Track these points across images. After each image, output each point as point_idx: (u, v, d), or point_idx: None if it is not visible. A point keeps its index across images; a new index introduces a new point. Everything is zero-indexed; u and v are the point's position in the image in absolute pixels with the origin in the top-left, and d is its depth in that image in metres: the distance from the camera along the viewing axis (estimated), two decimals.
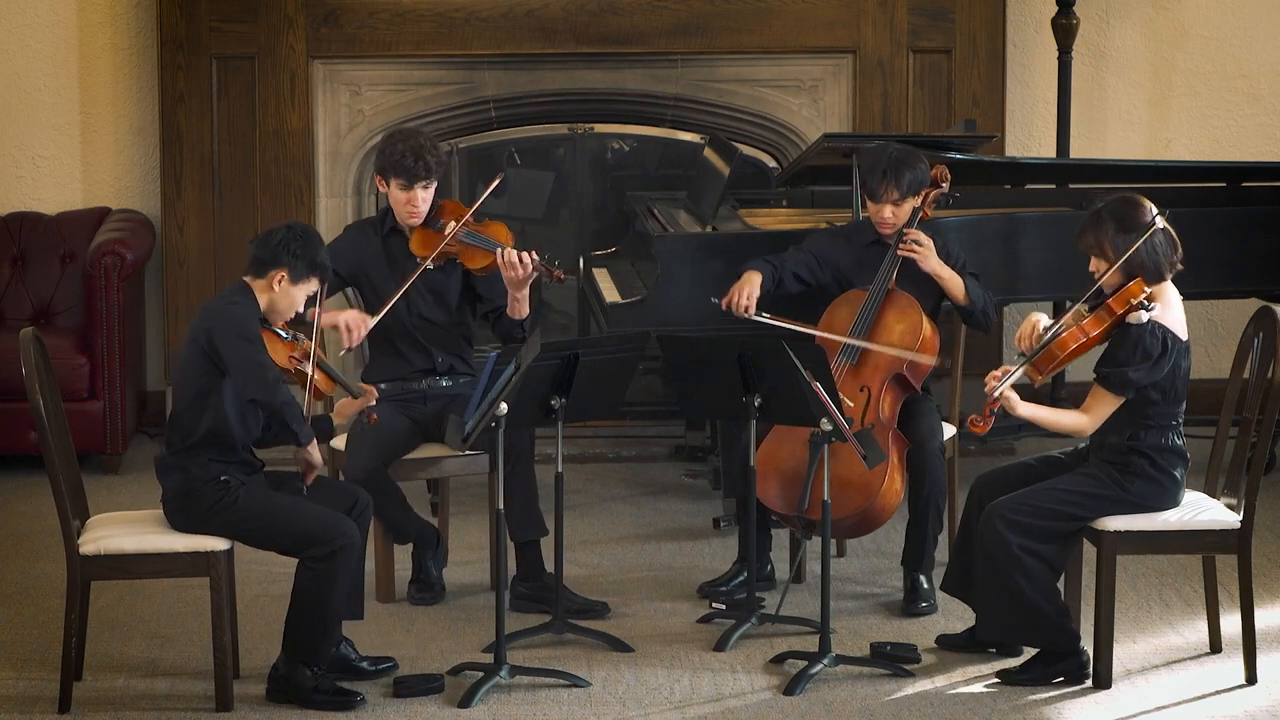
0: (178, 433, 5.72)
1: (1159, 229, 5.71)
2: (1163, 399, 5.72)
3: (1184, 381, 5.75)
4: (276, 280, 5.68)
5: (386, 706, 5.72)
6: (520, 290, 6.49)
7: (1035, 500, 5.77)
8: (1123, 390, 5.68)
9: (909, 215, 6.54)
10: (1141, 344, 5.64)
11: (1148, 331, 5.65)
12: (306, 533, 5.65)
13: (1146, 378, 5.66)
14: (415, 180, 6.53)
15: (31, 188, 8.61)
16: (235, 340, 5.61)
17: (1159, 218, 5.73)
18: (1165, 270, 5.74)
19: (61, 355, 7.86)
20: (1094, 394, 5.73)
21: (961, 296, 6.50)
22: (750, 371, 6.00)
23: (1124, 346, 5.67)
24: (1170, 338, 5.68)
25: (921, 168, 6.54)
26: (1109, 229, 5.71)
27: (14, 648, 6.16)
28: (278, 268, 5.68)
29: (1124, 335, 5.67)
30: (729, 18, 8.41)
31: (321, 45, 8.39)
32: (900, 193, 6.50)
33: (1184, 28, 8.69)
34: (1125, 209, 5.73)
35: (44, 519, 7.07)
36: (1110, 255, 5.70)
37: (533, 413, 5.96)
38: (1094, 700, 5.77)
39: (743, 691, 5.83)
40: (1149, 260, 5.70)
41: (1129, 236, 5.68)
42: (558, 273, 6.48)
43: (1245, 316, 6.10)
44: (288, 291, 5.70)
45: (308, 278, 5.71)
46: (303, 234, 5.73)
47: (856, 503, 6.26)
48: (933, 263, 6.49)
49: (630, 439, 8.43)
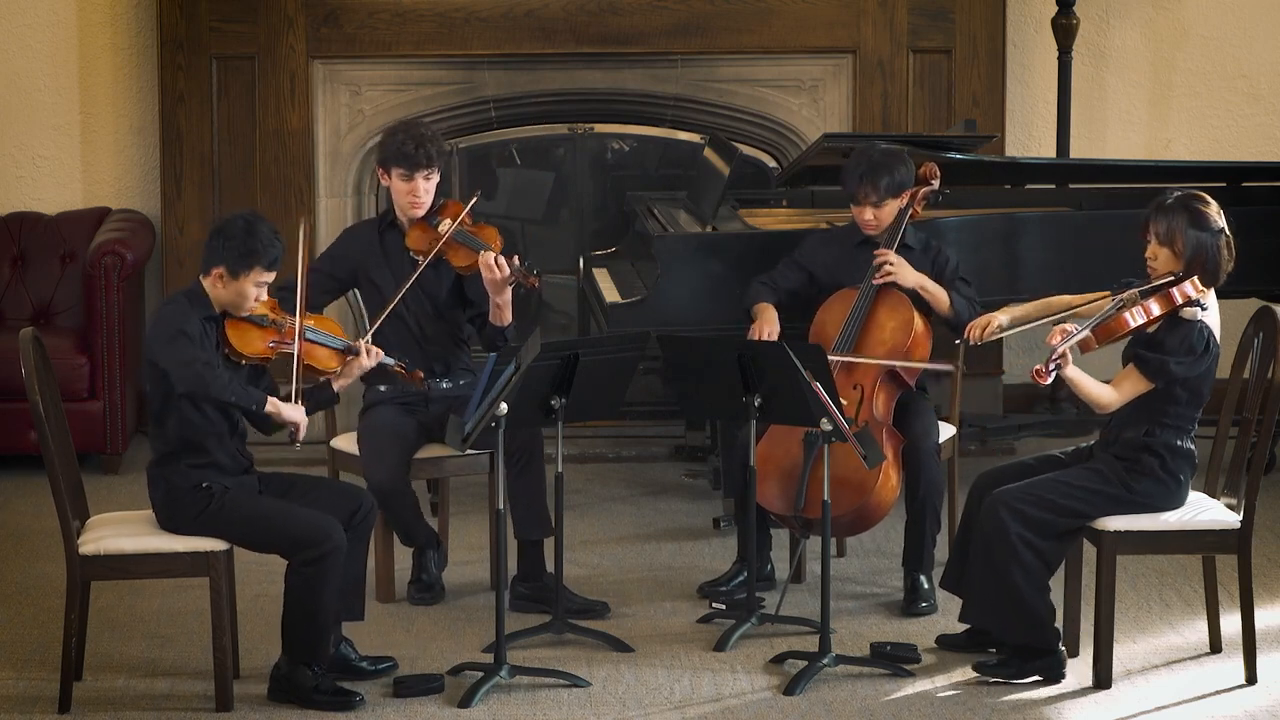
0: (155, 442, 5.72)
1: (1226, 233, 5.74)
2: (1186, 400, 5.73)
3: (1209, 387, 5.76)
4: (217, 277, 5.64)
5: (386, 706, 5.72)
6: (500, 295, 6.46)
7: (1040, 491, 5.77)
8: (1158, 377, 5.68)
9: (893, 215, 6.54)
10: (1189, 339, 5.67)
11: (1198, 329, 5.67)
12: (293, 536, 5.64)
13: (1184, 372, 5.68)
14: (417, 168, 6.50)
15: (31, 188, 8.61)
16: (163, 343, 5.59)
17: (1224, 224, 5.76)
18: (1221, 275, 5.75)
19: (61, 355, 7.86)
20: (1128, 373, 5.73)
21: (945, 308, 6.50)
22: (750, 371, 6.00)
23: (1172, 336, 5.68)
24: (1213, 341, 5.71)
25: (902, 169, 6.53)
26: (1183, 221, 5.71)
27: (14, 648, 6.16)
28: (216, 264, 5.63)
29: (1174, 326, 5.69)
30: (729, 18, 8.41)
31: (321, 45, 8.39)
32: (878, 195, 6.49)
33: (1184, 28, 8.69)
34: (1200, 205, 5.75)
35: (44, 519, 7.06)
36: (1179, 246, 5.71)
37: (533, 413, 5.96)
38: (1094, 700, 5.77)
39: (743, 691, 5.83)
40: (1212, 260, 5.71)
41: (1201, 234, 5.69)
42: (532, 279, 6.46)
43: (1245, 316, 6.10)
44: (230, 285, 5.62)
45: (248, 269, 5.60)
46: (240, 225, 5.60)
47: (852, 500, 6.27)
48: (911, 279, 6.48)
49: (630, 439, 8.43)
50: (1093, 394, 5.75)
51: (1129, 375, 5.74)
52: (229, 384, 5.61)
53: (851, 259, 6.64)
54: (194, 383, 5.57)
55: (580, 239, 8.74)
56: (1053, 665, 5.84)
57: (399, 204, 6.59)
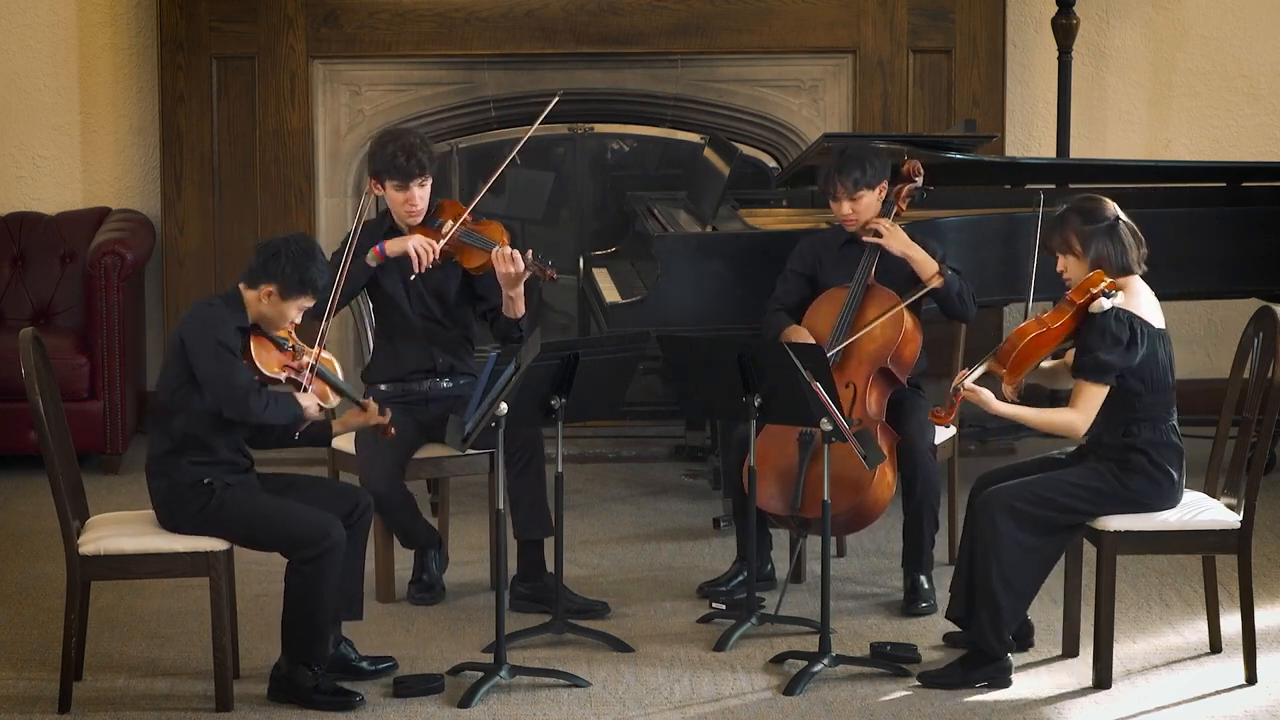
0: (158, 435, 5.71)
1: (1122, 221, 5.76)
2: (1145, 389, 5.73)
3: (1166, 371, 5.75)
4: (265, 294, 5.65)
5: (386, 706, 5.72)
6: (514, 288, 6.48)
7: (1039, 489, 5.77)
8: (1099, 376, 5.70)
9: (873, 210, 6.54)
10: (1108, 329, 5.67)
11: (1113, 318, 5.68)
12: (292, 535, 5.65)
13: (1121, 361, 5.68)
14: (410, 179, 6.52)
15: (31, 188, 8.61)
16: (209, 355, 5.58)
17: (1120, 213, 5.79)
18: (1132, 263, 5.77)
19: (61, 355, 7.85)
20: (1076, 388, 5.77)
21: (934, 273, 6.48)
22: (750, 371, 6.00)
23: (1091, 334, 5.71)
24: (1139, 323, 5.70)
25: (876, 162, 6.54)
26: (1074, 223, 5.77)
27: (14, 648, 6.16)
28: (268, 281, 5.64)
29: (1090, 324, 5.72)
30: (729, 18, 8.41)
31: (321, 45, 8.39)
32: (849, 189, 6.50)
33: (1184, 28, 8.69)
34: (1087, 204, 5.83)
35: (44, 519, 7.06)
36: (1077, 248, 5.75)
37: (533, 413, 5.96)
38: (1094, 700, 5.77)
39: (743, 691, 5.83)
40: (1115, 252, 5.73)
41: (1094, 228, 5.73)
42: (550, 272, 6.48)
43: (1245, 316, 6.10)
44: (276, 305, 5.65)
45: (299, 295, 5.65)
46: (299, 250, 5.65)
47: (848, 499, 6.27)
48: (900, 243, 6.50)
49: (630, 439, 8.42)
50: (1054, 423, 5.77)
51: (1079, 388, 5.75)
52: (266, 405, 5.63)
53: (838, 259, 6.65)
54: (239, 408, 5.59)
55: (580, 239, 8.74)
56: (998, 672, 5.82)
57: (396, 213, 6.61)
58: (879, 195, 6.55)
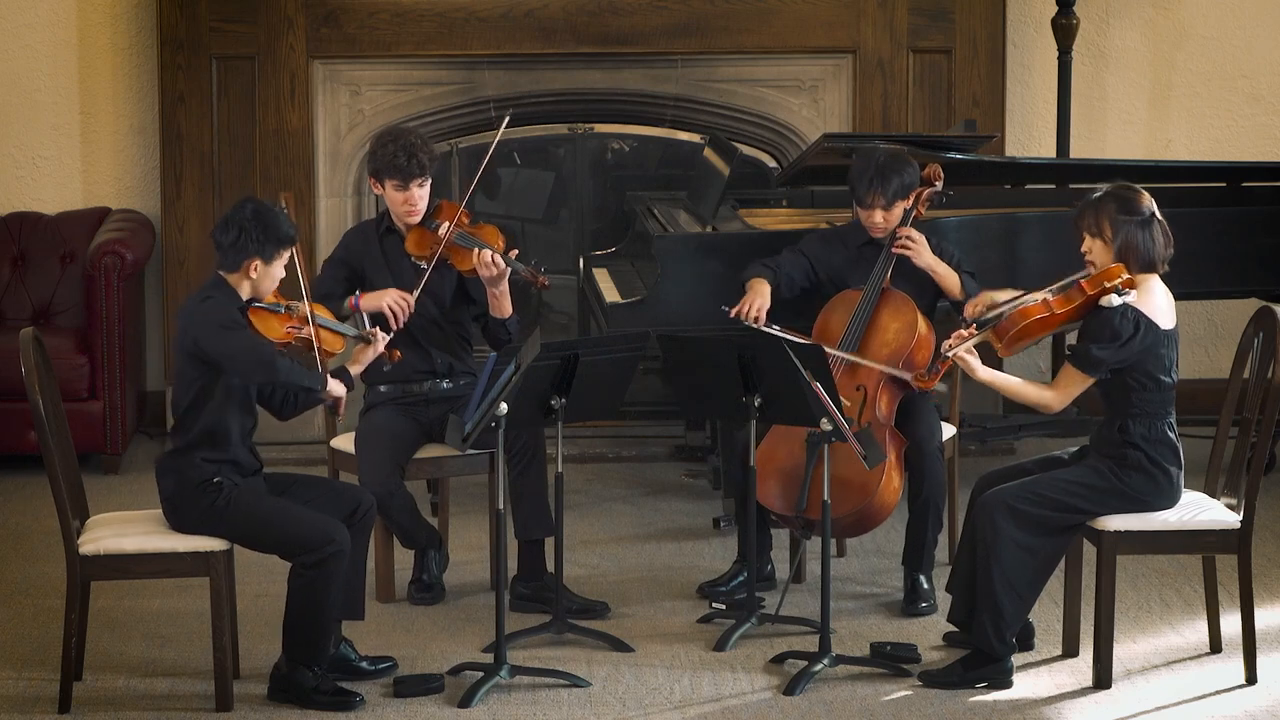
0: (176, 434, 5.74)
1: (1157, 218, 5.75)
2: (1141, 386, 5.73)
3: (1165, 371, 5.74)
4: (252, 269, 5.69)
5: (386, 706, 5.72)
6: (497, 287, 6.49)
7: (1039, 489, 5.77)
8: (1087, 368, 5.70)
9: (900, 218, 6.55)
10: (1111, 324, 5.67)
11: (1119, 314, 5.67)
12: (296, 538, 5.65)
13: (1112, 357, 5.68)
14: (410, 179, 6.52)
15: (31, 188, 8.61)
16: (219, 334, 5.61)
17: (1156, 210, 5.77)
18: (1157, 261, 5.76)
19: (61, 355, 7.86)
20: (1063, 370, 5.79)
21: (957, 291, 6.52)
22: (750, 371, 6.00)
23: (1094, 325, 5.71)
24: (1144, 322, 5.69)
25: (910, 170, 6.54)
26: (1110, 209, 5.75)
27: (14, 648, 6.16)
28: (248, 258, 5.68)
29: (1095, 315, 5.72)
30: (729, 18, 8.41)
31: (321, 45, 8.39)
32: (887, 199, 6.51)
33: (1184, 28, 8.69)
34: (1128, 194, 5.80)
35: (44, 519, 7.07)
36: (1107, 234, 5.74)
37: (533, 413, 5.96)
38: (1094, 700, 5.77)
39: (743, 691, 5.83)
40: (1144, 246, 5.72)
41: (1130, 220, 5.72)
42: (542, 278, 6.49)
43: (1245, 316, 6.10)
44: (265, 273, 5.71)
45: (280, 251, 5.70)
46: (255, 216, 5.67)
47: (854, 501, 6.27)
48: (926, 258, 6.51)
49: (630, 439, 8.43)
50: (1028, 396, 5.81)
51: (1065, 371, 5.77)
52: (292, 365, 5.69)
53: (855, 258, 6.64)
54: (264, 368, 5.63)
55: (580, 239, 8.74)
56: (998, 673, 5.83)
57: (395, 213, 6.62)
58: (908, 204, 6.56)
